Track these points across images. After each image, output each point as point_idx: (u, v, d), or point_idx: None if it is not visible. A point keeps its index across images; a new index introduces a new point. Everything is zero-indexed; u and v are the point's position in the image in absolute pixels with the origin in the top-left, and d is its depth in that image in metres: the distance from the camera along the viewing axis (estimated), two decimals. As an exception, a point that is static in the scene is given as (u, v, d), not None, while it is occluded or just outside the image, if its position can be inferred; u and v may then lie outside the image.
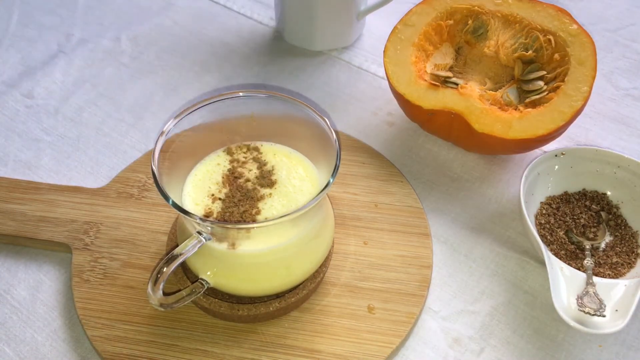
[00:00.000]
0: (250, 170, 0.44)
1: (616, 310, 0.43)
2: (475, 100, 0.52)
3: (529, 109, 0.52)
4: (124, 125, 0.62)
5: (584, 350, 0.45)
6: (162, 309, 0.40)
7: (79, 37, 0.73)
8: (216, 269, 0.41)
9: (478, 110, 0.52)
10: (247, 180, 0.44)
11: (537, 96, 0.53)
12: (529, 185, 0.51)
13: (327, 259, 0.46)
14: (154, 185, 0.38)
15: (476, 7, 0.58)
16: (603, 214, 0.53)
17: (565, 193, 0.54)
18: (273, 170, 0.44)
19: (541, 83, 0.54)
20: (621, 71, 0.69)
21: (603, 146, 0.59)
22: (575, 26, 0.54)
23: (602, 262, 0.49)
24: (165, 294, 0.39)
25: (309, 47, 0.71)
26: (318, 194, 0.38)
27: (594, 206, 0.53)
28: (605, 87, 0.67)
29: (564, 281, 0.45)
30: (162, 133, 0.40)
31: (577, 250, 0.50)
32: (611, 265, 0.49)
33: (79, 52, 0.71)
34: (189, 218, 0.37)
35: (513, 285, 0.49)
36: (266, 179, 0.44)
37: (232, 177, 0.44)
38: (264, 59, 0.70)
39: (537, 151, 0.57)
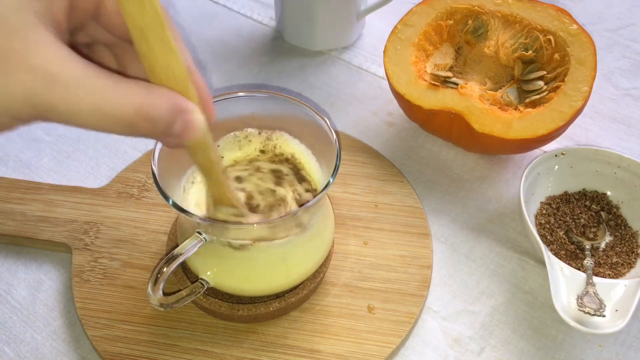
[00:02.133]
0: None
1: (616, 310, 0.43)
2: (475, 100, 0.52)
3: (529, 109, 0.52)
4: (124, 125, 0.62)
5: (584, 350, 0.45)
6: (162, 309, 0.40)
7: (79, 37, 0.73)
8: (216, 269, 0.41)
9: (478, 110, 0.52)
10: None
11: (537, 96, 0.53)
12: (529, 185, 0.51)
13: (327, 259, 0.46)
14: (154, 185, 0.38)
15: (476, 7, 0.58)
16: (603, 214, 0.53)
17: (565, 193, 0.54)
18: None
19: (541, 83, 0.54)
20: (621, 71, 0.69)
21: (603, 146, 0.59)
22: (575, 26, 0.54)
23: (602, 262, 0.49)
24: (165, 294, 0.39)
25: (309, 47, 0.71)
26: (318, 194, 0.38)
27: (594, 206, 0.53)
28: (605, 87, 0.67)
29: (564, 281, 0.45)
30: (162, 133, 0.40)
31: (577, 250, 0.50)
32: (611, 265, 0.49)
33: (79, 52, 0.71)
34: (189, 218, 0.37)
35: (513, 285, 0.49)
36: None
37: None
38: (264, 59, 0.70)
39: (537, 151, 0.57)
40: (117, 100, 0.25)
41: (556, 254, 0.49)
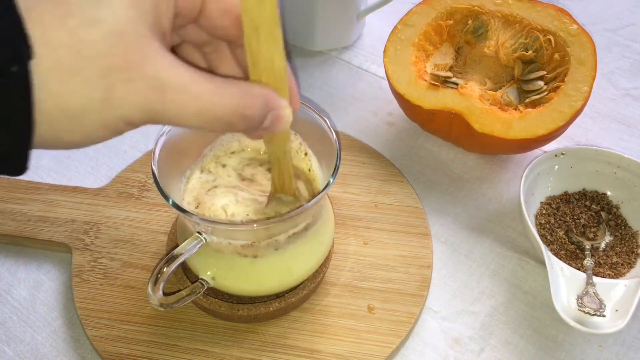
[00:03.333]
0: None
1: (616, 310, 0.43)
2: (475, 100, 0.52)
3: (529, 109, 0.52)
4: (124, 125, 0.62)
5: (584, 350, 0.45)
6: (162, 309, 0.40)
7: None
8: (216, 269, 0.41)
9: (478, 110, 0.52)
10: None
11: (537, 96, 0.53)
12: (529, 185, 0.51)
13: (327, 259, 0.46)
14: (154, 185, 0.38)
15: (476, 7, 0.58)
16: (603, 214, 0.53)
17: (565, 193, 0.54)
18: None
19: (541, 83, 0.54)
20: (621, 71, 0.69)
21: (603, 146, 0.59)
22: (575, 26, 0.54)
23: (602, 262, 0.49)
24: (165, 294, 0.39)
25: (309, 47, 0.71)
26: (318, 194, 0.38)
27: (594, 206, 0.53)
28: (605, 87, 0.67)
29: (564, 281, 0.45)
30: (162, 133, 0.40)
31: (577, 250, 0.50)
32: (611, 265, 0.49)
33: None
34: (189, 218, 0.37)
35: (513, 285, 0.49)
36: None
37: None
38: (264, 59, 0.70)
39: (537, 151, 0.57)
40: (218, 102, 0.27)
41: (556, 254, 0.49)
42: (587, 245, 0.50)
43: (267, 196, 0.41)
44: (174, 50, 0.33)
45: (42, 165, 0.58)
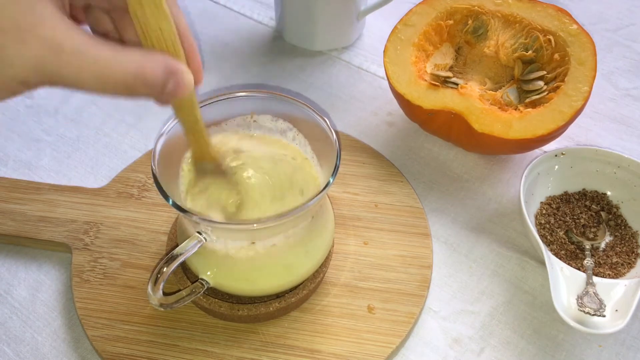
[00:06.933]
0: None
1: (616, 310, 0.43)
2: (475, 100, 0.52)
3: (529, 109, 0.52)
4: (124, 125, 0.62)
5: (584, 350, 0.45)
6: (162, 309, 0.40)
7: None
8: (216, 269, 0.41)
9: (478, 110, 0.52)
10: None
11: (537, 96, 0.53)
12: (529, 185, 0.51)
13: (327, 259, 0.46)
14: (154, 185, 0.38)
15: (476, 7, 0.58)
16: (603, 214, 0.53)
17: (565, 193, 0.54)
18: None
19: (541, 83, 0.54)
20: (621, 71, 0.69)
21: (603, 146, 0.59)
22: (575, 26, 0.54)
23: (602, 262, 0.49)
24: (165, 294, 0.39)
25: (309, 47, 0.71)
26: (318, 194, 0.38)
27: (594, 206, 0.53)
28: (605, 87, 0.67)
29: (564, 281, 0.45)
30: (162, 133, 0.40)
31: (577, 250, 0.50)
32: (611, 265, 0.49)
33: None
34: (189, 218, 0.37)
35: (513, 285, 0.49)
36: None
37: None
38: (264, 59, 0.70)
39: (537, 151, 0.57)
40: (116, 67, 0.28)
41: (556, 254, 0.49)
42: (587, 245, 0.50)
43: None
44: (85, 14, 0.34)
45: (42, 165, 0.58)
